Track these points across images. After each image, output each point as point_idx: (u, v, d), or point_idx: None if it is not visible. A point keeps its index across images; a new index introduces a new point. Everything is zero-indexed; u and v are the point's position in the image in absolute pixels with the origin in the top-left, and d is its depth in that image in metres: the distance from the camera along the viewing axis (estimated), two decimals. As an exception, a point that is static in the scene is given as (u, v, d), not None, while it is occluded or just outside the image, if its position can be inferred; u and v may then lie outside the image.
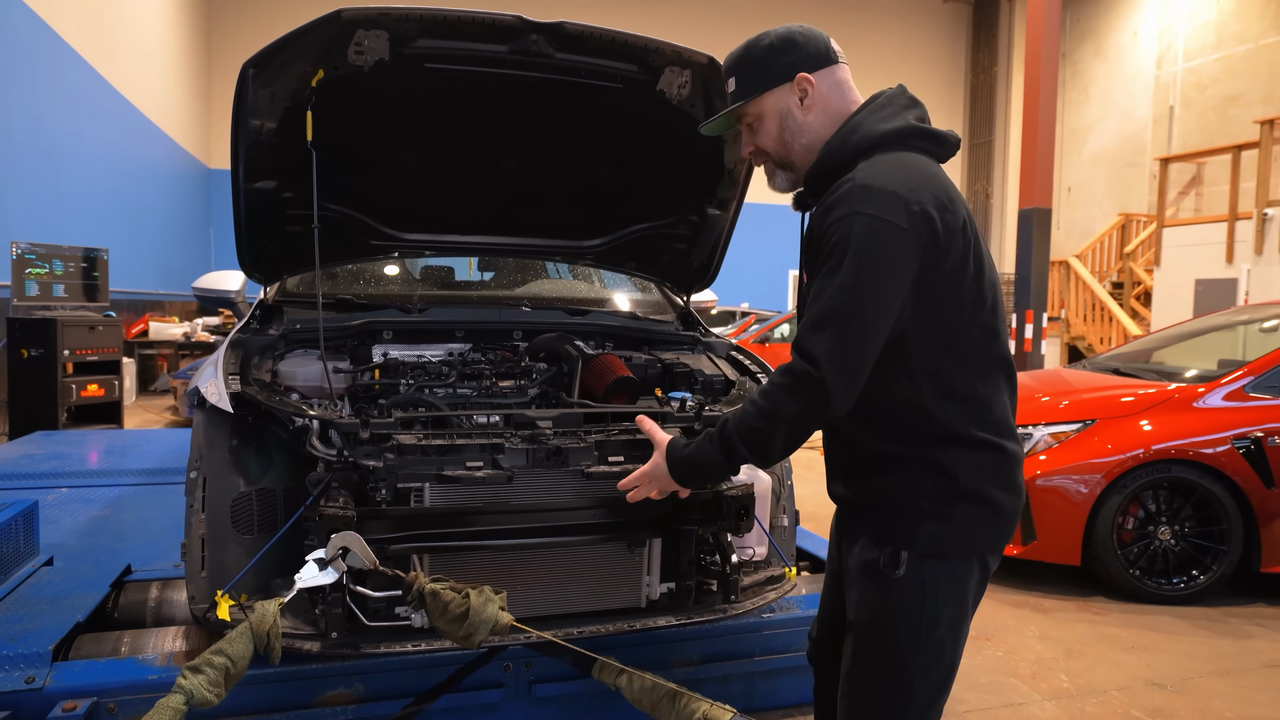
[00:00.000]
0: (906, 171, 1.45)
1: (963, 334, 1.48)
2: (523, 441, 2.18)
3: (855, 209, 1.40)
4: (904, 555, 1.49)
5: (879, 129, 1.52)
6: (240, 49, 12.66)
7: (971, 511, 1.48)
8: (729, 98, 1.65)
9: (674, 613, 2.28)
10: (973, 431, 1.48)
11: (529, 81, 2.45)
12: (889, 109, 1.57)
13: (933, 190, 1.44)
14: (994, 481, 1.50)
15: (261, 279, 2.85)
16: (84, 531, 3.41)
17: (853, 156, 1.51)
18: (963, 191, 19.80)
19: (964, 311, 1.47)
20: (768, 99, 1.60)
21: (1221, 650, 3.44)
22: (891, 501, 1.52)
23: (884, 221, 1.38)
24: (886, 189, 1.41)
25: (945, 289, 1.44)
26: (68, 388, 6.20)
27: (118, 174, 9.92)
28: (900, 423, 1.50)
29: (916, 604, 1.49)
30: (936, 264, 1.42)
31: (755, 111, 1.62)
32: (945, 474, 1.48)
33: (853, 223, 1.39)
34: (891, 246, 1.39)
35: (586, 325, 3.00)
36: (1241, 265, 10.33)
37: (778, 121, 1.60)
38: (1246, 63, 13.39)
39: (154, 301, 11.24)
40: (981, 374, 1.51)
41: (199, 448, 2.27)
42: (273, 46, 2.19)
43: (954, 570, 1.50)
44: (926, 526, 1.48)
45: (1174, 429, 3.98)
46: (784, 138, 1.60)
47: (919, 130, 1.55)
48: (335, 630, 2.02)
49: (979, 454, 1.49)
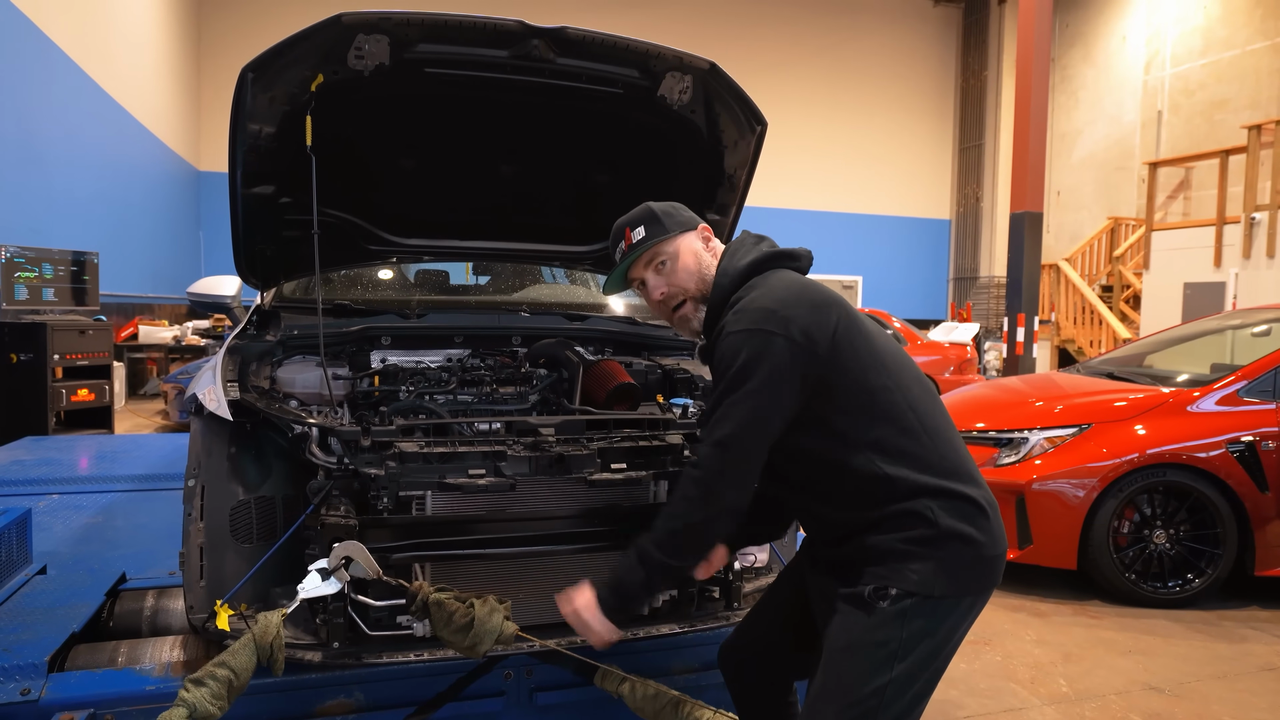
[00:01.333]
0: (773, 289, 1.65)
1: (880, 400, 1.61)
2: (525, 449, 2.16)
3: (733, 330, 1.60)
4: (891, 591, 1.55)
5: (741, 264, 1.73)
6: (231, 50, 12.58)
7: (956, 551, 1.56)
8: (634, 246, 1.80)
9: (676, 620, 2.27)
10: (937, 483, 1.57)
11: (529, 86, 2.44)
12: (742, 250, 1.78)
13: (800, 299, 1.63)
14: (971, 524, 1.57)
15: (258, 284, 2.82)
16: (77, 539, 3.37)
17: (729, 294, 1.71)
18: (953, 195, 19.91)
19: (870, 379, 1.61)
20: (681, 239, 1.80)
21: (1218, 654, 3.46)
22: (879, 546, 1.59)
23: (758, 333, 1.57)
24: (755, 307, 1.61)
25: (843, 373, 1.59)
26: (57, 392, 6.14)
27: (107, 176, 9.85)
28: (867, 493, 1.60)
29: (895, 636, 1.54)
30: (823, 357, 1.58)
31: (671, 249, 1.79)
32: (926, 518, 1.56)
33: (729, 340, 1.60)
34: (765, 352, 1.55)
35: (586, 330, 2.99)
36: (1229, 269, 10.41)
37: (694, 258, 1.79)
38: (1233, 68, 13.51)
39: (144, 304, 11.16)
40: (917, 428, 1.61)
41: (197, 455, 2.24)
42: (272, 51, 2.17)
43: (936, 609, 1.56)
44: (913, 565, 1.55)
45: (1168, 433, 4.00)
46: (702, 273, 1.78)
47: (773, 254, 1.76)
48: (337, 640, 2.01)
49: (950, 502, 1.57)
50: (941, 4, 19.48)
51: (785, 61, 17.97)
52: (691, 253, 1.79)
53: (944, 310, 19.72)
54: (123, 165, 10.50)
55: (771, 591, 1.97)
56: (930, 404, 1.66)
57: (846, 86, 18.68)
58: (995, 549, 1.60)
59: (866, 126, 18.90)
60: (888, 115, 19.10)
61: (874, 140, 18.97)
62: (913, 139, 19.46)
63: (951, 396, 5.29)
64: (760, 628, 1.96)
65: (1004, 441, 4.24)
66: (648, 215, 1.81)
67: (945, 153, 19.86)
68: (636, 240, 1.79)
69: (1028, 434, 4.18)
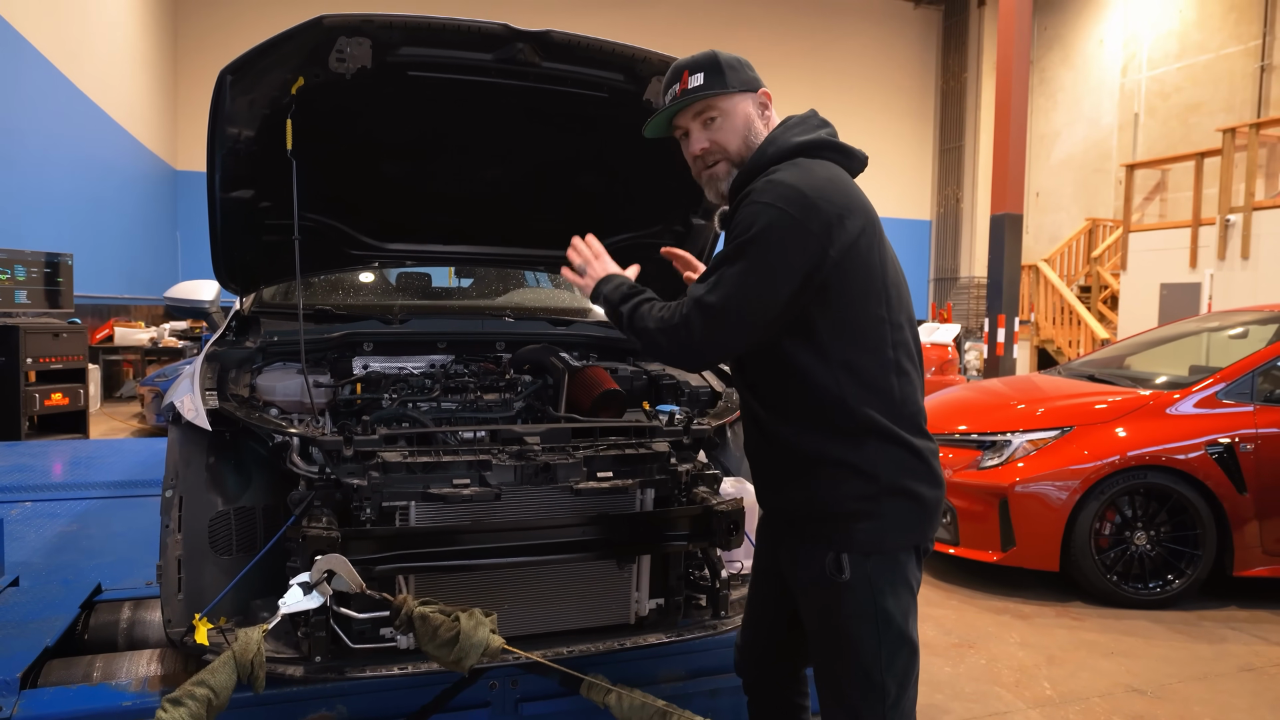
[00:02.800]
0: (813, 175, 1.58)
1: (871, 329, 1.58)
2: (510, 458, 2.13)
3: (758, 199, 1.54)
4: (844, 558, 1.57)
5: (793, 140, 1.64)
6: (208, 48, 12.44)
7: (896, 506, 1.58)
8: (689, 93, 1.67)
9: (663, 630, 2.25)
10: (888, 425, 1.58)
11: (515, 90, 2.41)
12: (802, 126, 1.69)
13: (835, 192, 1.57)
14: (912, 475, 1.59)
15: (238, 290, 2.77)
16: (51, 549, 3.31)
17: (768, 165, 1.62)
18: (933, 196, 20.03)
19: (869, 306, 1.58)
20: (737, 99, 1.69)
21: (1198, 654, 3.49)
22: (820, 507, 1.61)
23: (781, 210, 1.51)
24: (789, 183, 1.54)
25: (848, 286, 1.55)
26: (30, 397, 6.03)
27: (81, 176, 9.69)
28: (823, 417, 1.59)
29: (869, 604, 1.57)
30: (833, 260, 1.53)
31: (725, 106, 1.68)
32: (866, 474, 1.57)
33: (751, 210, 1.54)
34: (785, 234, 1.50)
35: (570, 336, 2.96)
36: (1205, 270, 10.52)
37: (744, 123, 1.69)
38: (1208, 71, 13.69)
39: (119, 306, 10.99)
40: (894, 367, 1.60)
41: (175, 465, 2.20)
42: (252, 53, 2.13)
43: (892, 562, 1.59)
44: (859, 525, 1.57)
45: (1149, 435, 4.04)
46: (749, 140, 1.68)
47: (829, 143, 1.68)
48: (319, 654, 1.97)
49: (894, 450, 1.58)
50: (922, 6, 19.60)
51: (767, 63, 17.96)
52: (744, 115, 1.68)
53: (925, 310, 19.83)
54: (98, 164, 10.34)
55: (753, 588, 1.96)
56: (913, 348, 1.67)
57: (828, 88, 18.74)
58: (936, 496, 1.64)
59: (847, 127, 18.73)
60: (869, 116, 19.20)
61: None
62: (893, 140, 19.56)
63: (933, 399, 5.31)
64: (753, 630, 1.97)
65: (986, 444, 4.26)
66: (711, 63, 1.67)
67: (926, 154, 19.98)
68: (693, 87, 1.66)
69: (1010, 436, 4.21)
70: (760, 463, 1.76)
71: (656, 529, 2.23)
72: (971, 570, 4.43)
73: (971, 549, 4.19)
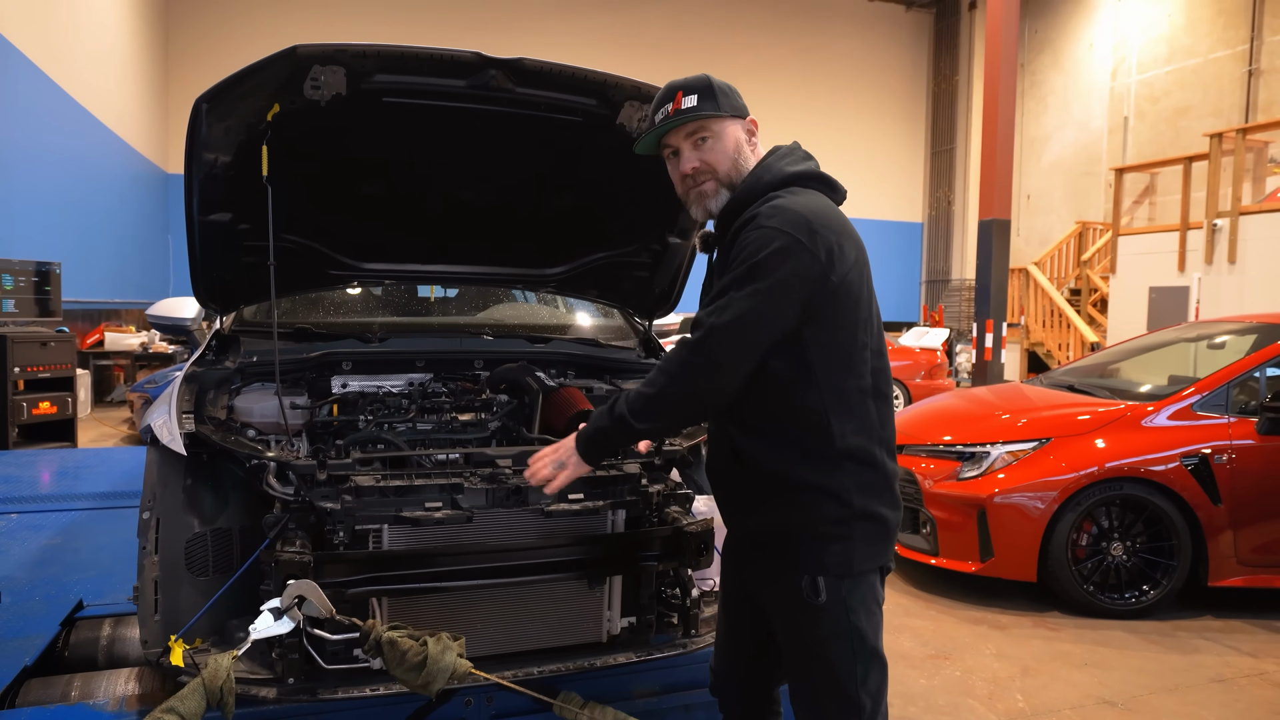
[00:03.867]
0: (812, 204, 1.65)
1: (855, 354, 1.65)
2: (482, 481, 2.16)
3: (763, 224, 1.60)
4: (820, 581, 1.63)
5: (787, 170, 1.71)
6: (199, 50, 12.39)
7: (866, 529, 1.65)
8: (681, 113, 1.71)
9: (634, 649, 2.28)
10: (867, 449, 1.65)
11: (490, 115, 2.44)
12: (791, 157, 1.76)
13: (833, 222, 1.64)
14: (879, 499, 1.66)
15: (218, 309, 2.80)
16: (35, 562, 3.33)
17: (764, 192, 1.68)
18: (924, 199, 20.10)
19: (856, 332, 1.65)
20: (729, 123, 1.74)
21: (1171, 665, 3.53)
22: (794, 531, 1.66)
23: (788, 236, 1.57)
24: (795, 211, 1.60)
25: (840, 312, 1.63)
26: (18, 406, 6.04)
27: (71, 181, 9.70)
28: (804, 440, 1.64)
29: (844, 624, 1.64)
30: (832, 286, 1.60)
31: (717, 128, 1.73)
32: (840, 499, 1.63)
33: (758, 234, 1.59)
34: (791, 258, 1.56)
35: (548, 354, 2.99)
36: (1193, 274, 10.60)
37: (734, 145, 1.74)
38: (1197, 76, 13.77)
39: (110, 310, 11.00)
40: (873, 392, 1.68)
41: (153, 487, 2.22)
42: (227, 81, 2.15)
43: (864, 583, 1.66)
44: (833, 549, 1.63)
45: (1125, 447, 4.08)
46: (738, 162, 1.74)
47: (817, 174, 1.75)
48: (292, 676, 2.00)
49: (868, 473, 1.65)
50: (913, 9, 19.67)
51: (759, 66, 18.06)
52: (734, 139, 1.74)
53: (917, 313, 19.92)
54: (88, 169, 10.34)
55: (723, 613, 1.99)
56: (889, 374, 1.74)
57: (819, 91, 18.81)
58: (896, 517, 1.71)
59: (839, 130, 19.04)
60: (860, 119, 19.27)
61: (847, 144, 19.11)
62: (885, 143, 19.63)
63: (919, 408, 5.36)
64: (727, 653, 1.99)
65: (966, 455, 4.30)
66: (704, 86, 1.72)
67: (917, 156, 20.05)
68: (686, 107, 1.70)
69: (989, 448, 4.25)
70: (729, 485, 1.79)
71: (627, 550, 2.27)
72: (951, 580, 4.47)
73: (951, 559, 4.23)
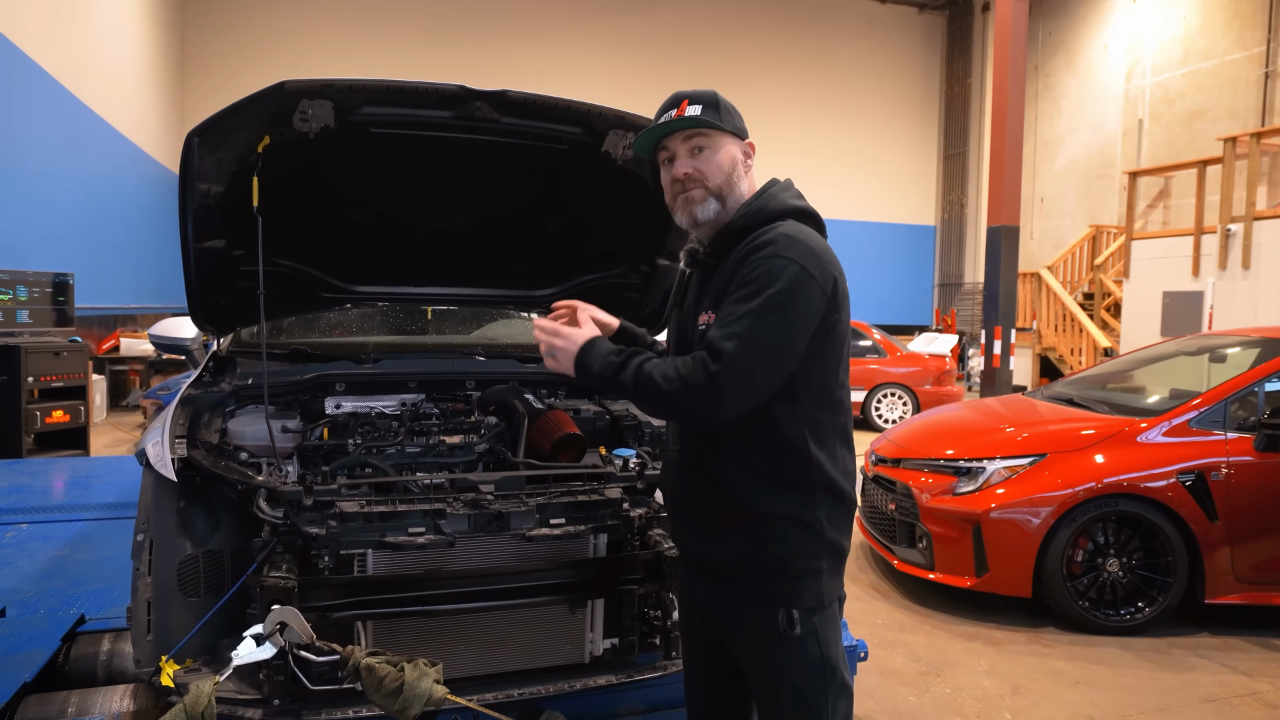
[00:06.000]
0: (818, 240, 1.69)
1: (834, 393, 1.70)
2: (464, 506, 2.21)
3: (779, 252, 1.60)
4: (795, 614, 1.65)
5: (791, 203, 1.75)
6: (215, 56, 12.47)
7: (833, 562, 1.71)
8: (685, 119, 1.72)
9: (615, 671, 2.32)
10: (837, 480, 1.69)
11: (476, 144, 2.49)
12: (791, 192, 1.79)
13: (833, 258, 1.68)
14: (842, 531, 1.72)
15: (214, 332, 2.87)
16: (41, 575, 3.40)
17: (769, 219, 1.70)
18: (937, 202, 20.00)
19: (839, 372, 1.70)
20: (729, 140, 1.76)
21: (1163, 684, 3.52)
22: (768, 564, 1.67)
23: (803, 269, 1.59)
24: (808, 243, 1.64)
25: (830, 348, 1.66)
26: (32, 414, 6.16)
27: (88, 189, 9.85)
28: (784, 465, 1.66)
29: (817, 655, 1.67)
30: (830, 323, 1.64)
31: (716, 141, 1.75)
32: (813, 530, 1.66)
33: (775, 262, 1.59)
34: (806, 291, 1.59)
35: (539, 374, 3.04)
36: (1207, 278, 10.51)
37: (729, 161, 1.76)
38: (1212, 78, 13.63)
39: (126, 315, 11.16)
40: (843, 430, 1.73)
41: (147, 509, 2.29)
42: (218, 116, 2.22)
43: (831, 614, 1.71)
44: (805, 582, 1.67)
45: (1121, 463, 4.07)
46: (732, 177, 1.75)
47: (814, 212, 1.78)
48: (278, 698, 2.05)
49: (837, 505, 1.69)
50: (926, 11, 19.57)
51: (771, 68, 18.04)
52: (731, 156, 1.74)
53: (929, 316, 19.83)
54: (104, 177, 10.49)
55: (687, 653, 1.96)
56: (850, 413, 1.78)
57: (832, 93, 18.76)
58: (849, 547, 1.76)
59: (851, 133, 18.99)
60: (873, 122, 19.20)
61: (859, 146, 19.06)
62: (898, 145, 19.55)
63: (919, 421, 5.36)
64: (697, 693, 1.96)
65: (962, 470, 4.31)
66: (711, 99, 1.74)
67: (930, 159, 19.96)
68: (689, 114, 1.72)
69: (985, 463, 4.25)
70: (696, 510, 1.76)
71: (608, 574, 2.30)
72: (947, 595, 4.48)
73: (946, 574, 4.24)
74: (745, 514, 1.67)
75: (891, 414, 10.62)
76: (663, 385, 1.59)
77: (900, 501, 4.51)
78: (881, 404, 10.65)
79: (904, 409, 10.59)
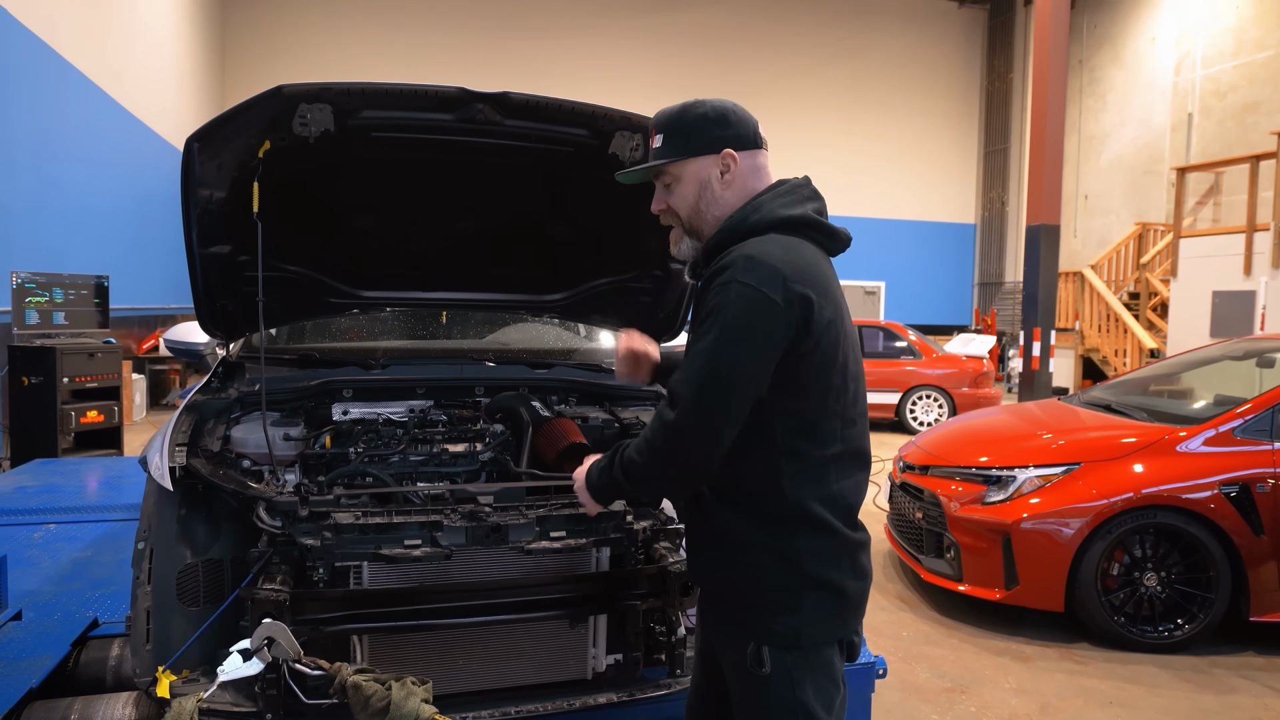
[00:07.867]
0: (792, 253, 1.52)
1: (822, 422, 1.55)
2: (462, 518, 2.16)
3: (735, 277, 1.47)
4: (765, 652, 1.54)
5: (779, 213, 1.58)
6: (255, 57, 12.69)
7: (817, 600, 1.55)
8: (653, 153, 1.68)
9: (616, 689, 2.26)
10: (823, 515, 1.54)
11: (479, 147, 2.44)
12: (792, 196, 1.62)
13: (812, 279, 1.51)
14: (836, 568, 1.56)
15: (222, 338, 2.86)
16: (61, 577, 3.44)
17: (749, 233, 1.56)
18: (978, 200, 19.60)
19: (827, 400, 1.54)
20: (691, 164, 1.65)
21: (1202, 707, 3.36)
22: (740, 594, 1.58)
23: (759, 293, 1.45)
24: (769, 264, 1.47)
25: (810, 374, 1.52)
26: (67, 414, 6.29)
27: (128, 192, 10.06)
28: (757, 500, 1.56)
29: (789, 697, 1.54)
30: (804, 348, 1.49)
31: (676, 173, 1.66)
32: (791, 563, 1.54)
33: (728, 290, 1.47)
34: (762, 318, 1.45)
35: (549, 380, 2.99)
36: (1259, 277, 10.13)
37: (695, 188, 1.65)
38: (1266, 70, 13.14)
39: (166, 316, 11.38)
40: (835, 461, 1.57)
41: (148, 517, 2.28)
42: (216, 121, 2.20)
43: (814, 656, 1.56)
44: (778, 619, 1.54)
45: (1159, 473, 3.90)
46: (699, 206, 1.64)
47: (815, 221, 1.60)
48: (270, 711, 2.02)
49: (824, 540, 1.55)
50: (966, 5, 19.19)
51: (807, 66, 17.84)
52: (695, 183, 1.62)
53: (969, 316, 19.46)
54: (144, 180, 10.71)
55: (696, 666, 1.93)
56: (864, 443, 1.64)
57: (869, 90, 18.49)
58: (861, 588, 1.61)
59: (889, 130, 18.69)
60: (911, 119, 18.87)
61: (897, 144, 18.76)
62: (937, 143, 19.20)
63: (950, 427, 5.22)
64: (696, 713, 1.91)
65: (992, 479, 4.16)
66: (671, 125, 1.63)
67: (970, 156, 19.57)
68: (654, 149, 1.65)
69: (1016, 472, 4.10)
70: (693, 537, 1.74)
71: (610, 588, 2.24)
72: (976, 608, 4.33)
73: (975, 586, 4.10)
74: (722, 538, 1.61)
75: (927, 416, 10.41)
76: (640, 461, 1.55)
77: (928, 510, 4.38)
78: (916, 406, 10.44)
79: (940, 412, 10.37)
